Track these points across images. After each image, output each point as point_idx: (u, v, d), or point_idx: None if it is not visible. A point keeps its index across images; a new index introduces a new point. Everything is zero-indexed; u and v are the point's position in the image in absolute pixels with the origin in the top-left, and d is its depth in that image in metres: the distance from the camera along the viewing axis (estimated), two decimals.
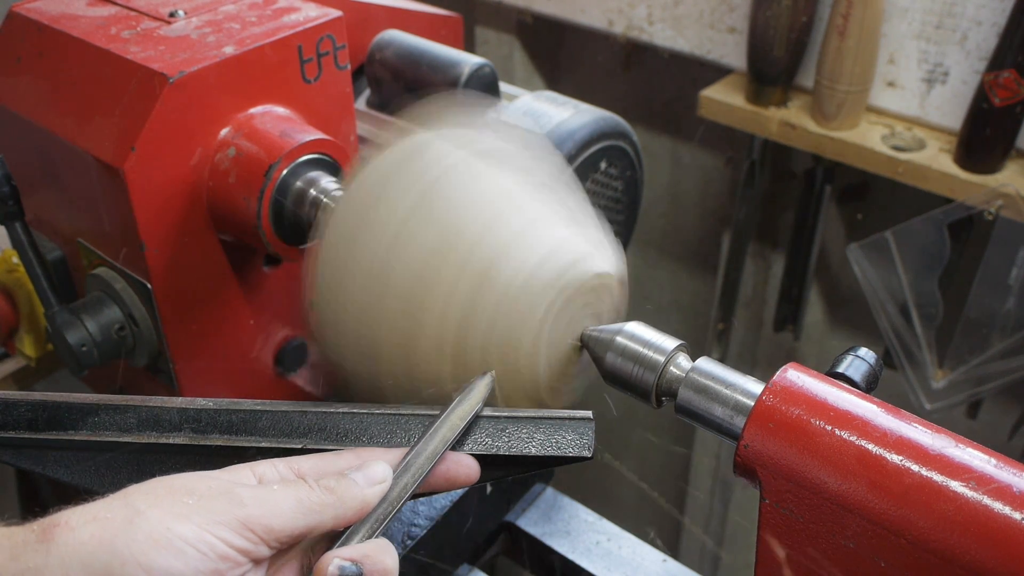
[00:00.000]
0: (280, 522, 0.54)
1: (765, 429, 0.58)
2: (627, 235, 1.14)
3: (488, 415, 0.65)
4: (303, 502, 0.55)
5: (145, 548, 0.50)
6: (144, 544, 0.50)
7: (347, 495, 0.57)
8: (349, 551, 0.55)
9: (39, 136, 0.88)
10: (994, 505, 0.50)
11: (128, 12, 0.90)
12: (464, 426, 0.63)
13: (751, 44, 1.57)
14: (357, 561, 0.54)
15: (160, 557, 0.50)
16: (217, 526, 0.52)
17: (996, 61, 1.36)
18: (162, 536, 0.50)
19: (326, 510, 0.56)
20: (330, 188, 0.84)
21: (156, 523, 0.51)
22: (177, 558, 0.50)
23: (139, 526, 0.50)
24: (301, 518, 0.55)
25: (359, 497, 0.57)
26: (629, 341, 0.68)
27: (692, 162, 1.99)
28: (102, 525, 0.50)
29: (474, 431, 0.65)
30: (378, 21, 1.09)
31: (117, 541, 0.50)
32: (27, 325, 1.13)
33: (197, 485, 0.54)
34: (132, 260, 0.86)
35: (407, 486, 0.59)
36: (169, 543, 0.50)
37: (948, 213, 1.48)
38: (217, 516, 0.52)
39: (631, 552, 1.03)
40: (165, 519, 0.51)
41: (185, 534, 0.51)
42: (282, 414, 0.66)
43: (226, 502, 0.53)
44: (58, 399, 0.67)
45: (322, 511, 0.56)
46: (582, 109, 1.03)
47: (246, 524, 0.53)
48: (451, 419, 0.63)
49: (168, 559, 0.50)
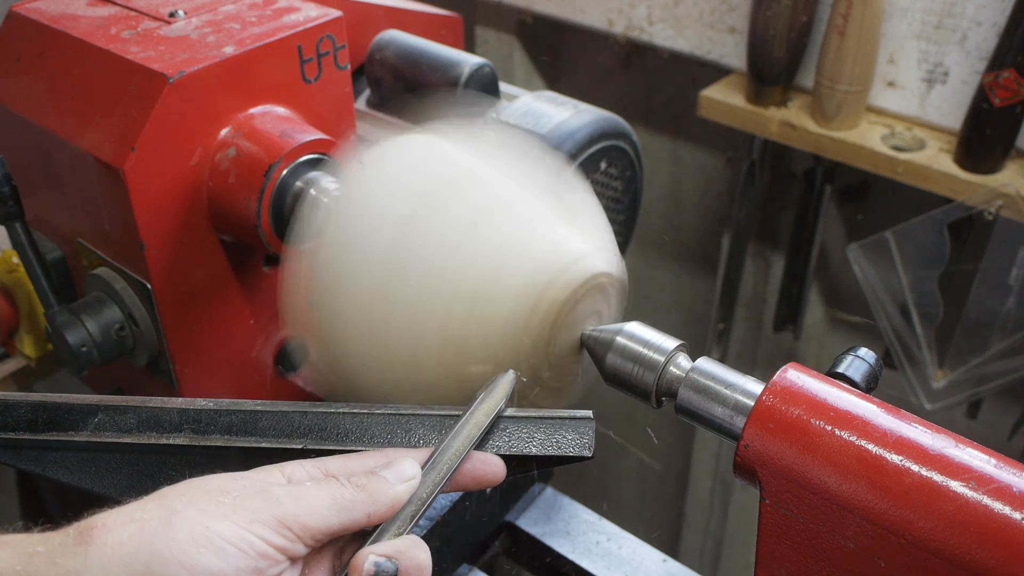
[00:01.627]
0: (316, 519, 0.54)
1: (765, 429, 0.58)
2: (627, 235, 1.14)
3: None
4: (337, 500, 0.55)
5: (186, 547, 0.50)
6: (185, 543, 0.50)
7: (379, 492, 0.57)
8: (383, 547, 0.55)
9: (39, 136, 0.88)
10: (994, 505, 0.50)
11: (128, 12, 0.90)
12: (488, 424, 0.63)
13: (751, 44, 1.57)
14: (392, 557, 0.54)
15: (201, 556, 0.50)
16: (256, 524, 0.52)
17: (996, 61, 1.36)
18: (202, 535, 0.50)
19: (359, 507, 0.56)
20: (330, 188, 0.84)
21: (195, 522, 0.51)
22: (218, 556, 0.50)
23: (178, 526, 0.51)
24: (335, 515, 0.55)
25: (390, 494, 0.57)
26: (629, 341, 0.69)
27: (692, 162, 1.99)
28: (140, 526, 0.50)
29: (497, 430, 0.65)
30: (378, 21, 1.09)
31: (157, 541, 0.50)
32: (27, 325, 1.13)
33: (231, 485, 0.55)
34: (132, 260, 0.86)
35: (436, 483, 0.59)
36: (209, 542, 0.50)
37: (948, 213, 1.48)
38: (255, 514, 0.52)
39: (631, 552, 1.03)
40: (203, 518, 0.51)
41: (224, 533, 0.51)
42: (282, 414, 0.66)
43: (262, 500, 0.53)
44: (58, 400, 0.66)
45: (355, 508, 0.56)
46: (582, 109, 1.03)
47: (283, 522, 0.53)
48: (475, 417, 0.63)
49: (209, 558, 0.50)
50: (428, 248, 0.68)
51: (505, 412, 0.65)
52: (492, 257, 0.68)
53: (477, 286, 0.67)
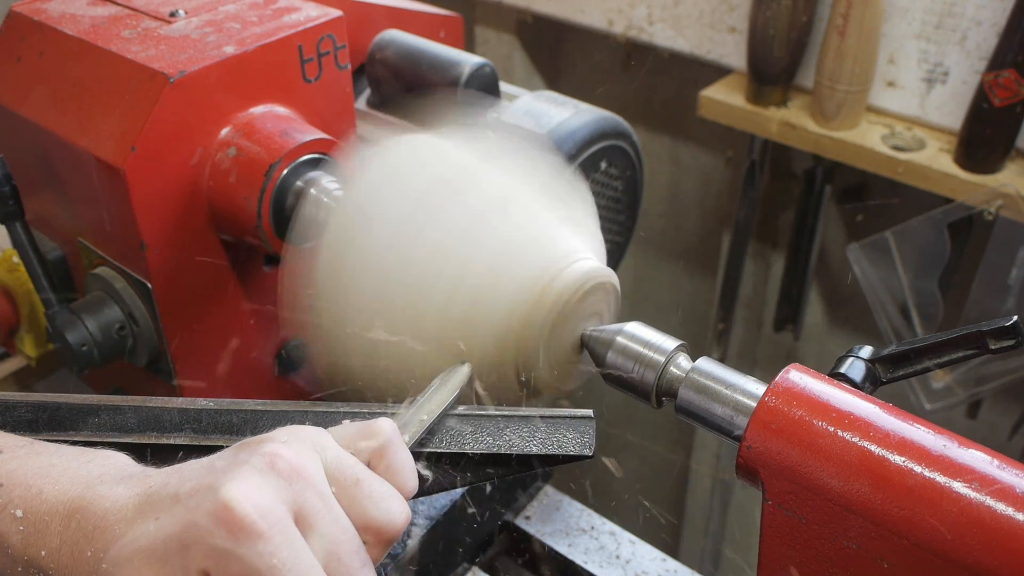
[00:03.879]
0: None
1: (768, 430, 0.58)
2: (627, 235, 1.14)
3: (489, 414, 0.65)
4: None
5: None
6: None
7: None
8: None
9: (39, 136, 0.87)
10: (997, 506, 0.50)
11: (128, 12, 0.90)
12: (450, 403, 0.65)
13: (751, 44, 1.57)
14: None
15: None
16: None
17: (996, 61, 1.36)
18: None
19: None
20: (331, 188, 0.84)
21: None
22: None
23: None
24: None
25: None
26: (629, 341, 0.68)
27: (692, 162, 1.99)
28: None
29: (475, 429, 0.65)
30: (378, 21, 1.09)
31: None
32: (27, 325, 1.13)
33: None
34: (132, 260, 0.86)
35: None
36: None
37: (948, 213, 1.48)
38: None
39: (631, 552, 1.03)
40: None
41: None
42: (282, 414, 0.66)
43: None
44: (58, 400, 0.66)
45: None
46: (582, 109, 1.03)
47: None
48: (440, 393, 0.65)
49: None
50: (427, 250, 0.68)
51: (486, 412, 0.65)
52: (491, 259, 0.68)
53: (477, 286, 0.67)
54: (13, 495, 0.53)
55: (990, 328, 0.60)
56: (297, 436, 0.53)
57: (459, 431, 0.65)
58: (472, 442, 0.64)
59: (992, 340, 0.61)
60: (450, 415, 0.65)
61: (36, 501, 0.53)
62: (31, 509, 0.52)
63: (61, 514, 0.52)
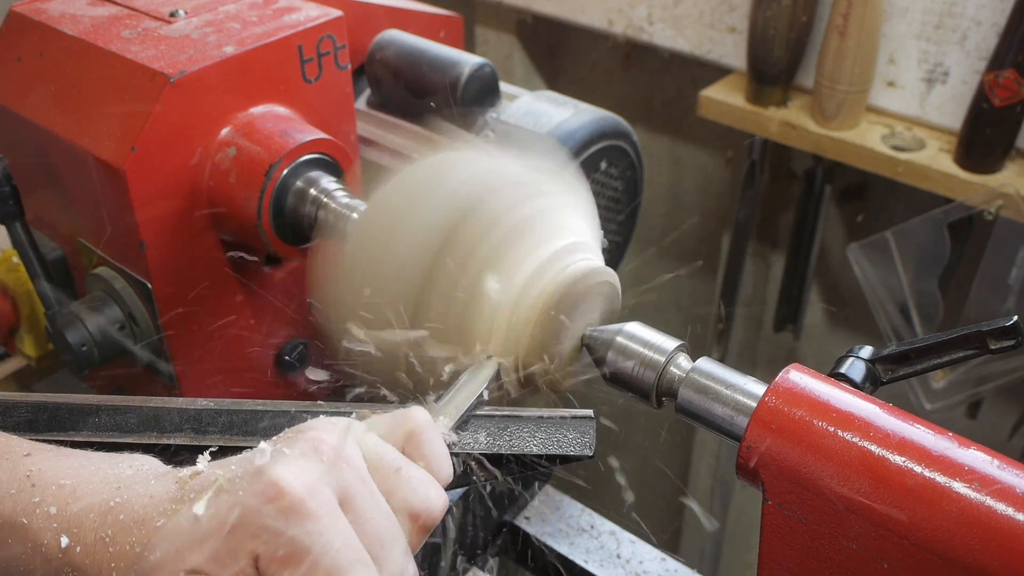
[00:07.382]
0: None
1: (768, 430, 0.57)
2: (627, 235, 1.14)
3: (489, 414, 0.65)
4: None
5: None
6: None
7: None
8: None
9: (39, 136, 0.87)
10: (997, 506, 0.50)
11: (129, 12, 0.90)
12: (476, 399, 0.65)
13: (751, 44, 1.57)
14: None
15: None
16: None
17: (996, 61, 1.36)
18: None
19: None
20: (331, 188, 0.84)
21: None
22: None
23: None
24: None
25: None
26: (629, 341, 0.68)
27: (692, 162, 1.99)
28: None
29: (475, 429, 0.65)
30: (378, 21, 1.09)
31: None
32: (27, 325, 1.13)
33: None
34: (132, 259, 0.86)
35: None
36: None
37: (948, 213, 1.48)
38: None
39: (631, 552, 1.03)
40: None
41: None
42: (282, 414, 0.66)
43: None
44: (58, 400, 0.66)
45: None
46: (582, 109, 1.03)
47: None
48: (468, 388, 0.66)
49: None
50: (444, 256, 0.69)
51: (485, 412, 0.66)
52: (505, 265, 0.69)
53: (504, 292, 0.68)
54: (46, 494, 0.53)
55: (990, 328, 0.60)
56: (336, 425, 0.53)
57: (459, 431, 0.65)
58: (472, 442, 0.64)
59: (992, 340, 0.61)
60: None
61: (70, 499, 0.52)
62: (65, 507, 0.52)
63: (97, 511, 0.51)
